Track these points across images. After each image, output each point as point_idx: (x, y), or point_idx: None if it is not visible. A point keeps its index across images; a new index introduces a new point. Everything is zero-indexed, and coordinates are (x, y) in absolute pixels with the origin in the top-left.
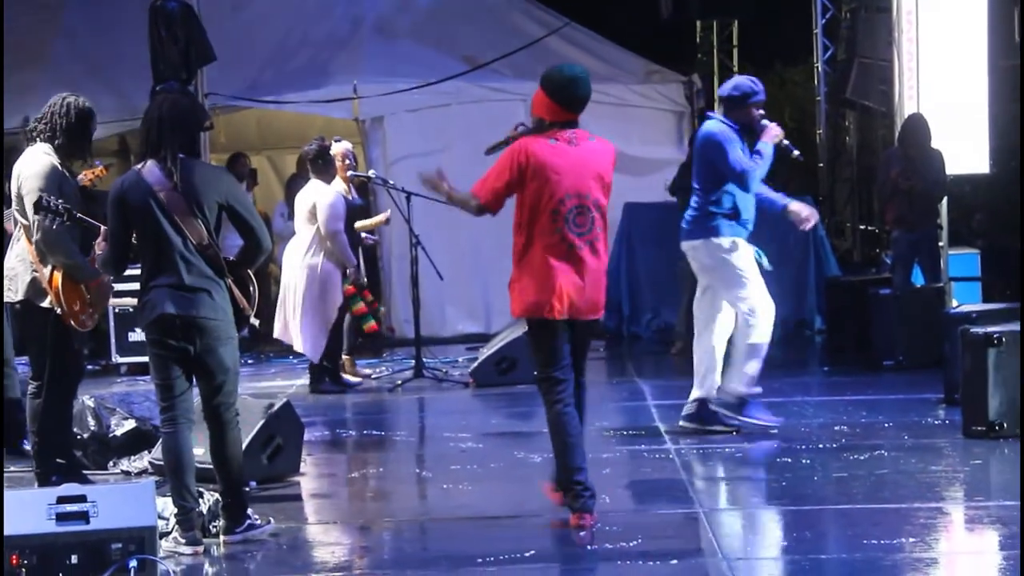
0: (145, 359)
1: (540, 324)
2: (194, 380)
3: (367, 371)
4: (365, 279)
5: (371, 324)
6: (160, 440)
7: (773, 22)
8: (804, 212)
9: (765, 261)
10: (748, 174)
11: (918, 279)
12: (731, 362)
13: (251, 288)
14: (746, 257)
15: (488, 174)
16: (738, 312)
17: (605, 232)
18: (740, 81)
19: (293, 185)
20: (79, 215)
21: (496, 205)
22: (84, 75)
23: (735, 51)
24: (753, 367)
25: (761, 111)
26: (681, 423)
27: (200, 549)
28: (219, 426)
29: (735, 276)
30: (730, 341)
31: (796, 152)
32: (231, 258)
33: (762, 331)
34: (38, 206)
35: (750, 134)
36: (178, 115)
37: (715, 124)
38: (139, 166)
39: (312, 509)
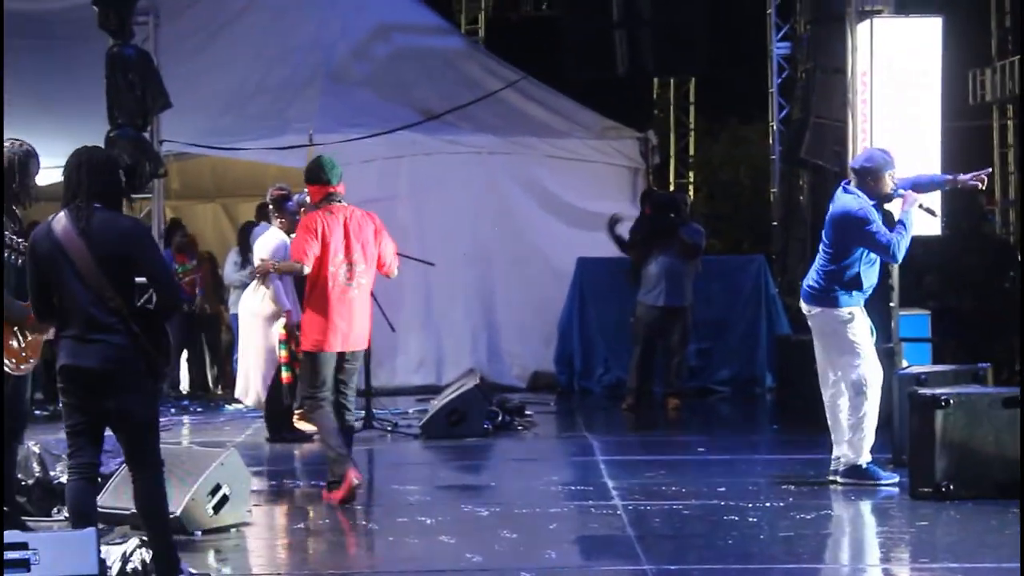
0: None
1: (317, 356)
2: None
3: None
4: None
5: (285, 376)
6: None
7: (729, 80)
8: (969, 177)
9: (874, 336)
10: (894, 246)
11: None
12: (843, 430)
13: (164, 341)
14: (862, 327)
15: (299, 245)
16: (848, 381)
17: (371, 281)
18: (873, 152)
19: (246, 232)
20: None
21: (312, 265)
22: (38, 117)
23: (692, 108)
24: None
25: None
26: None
27: None
28: (137, 477)
29: (849, 345)
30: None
31: (936, 213)
32: (147, 306)
33: (872, 401)
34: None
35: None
36: (96, 166)
37: (853, 200)
38: (53, 216)
39: (257, 560)
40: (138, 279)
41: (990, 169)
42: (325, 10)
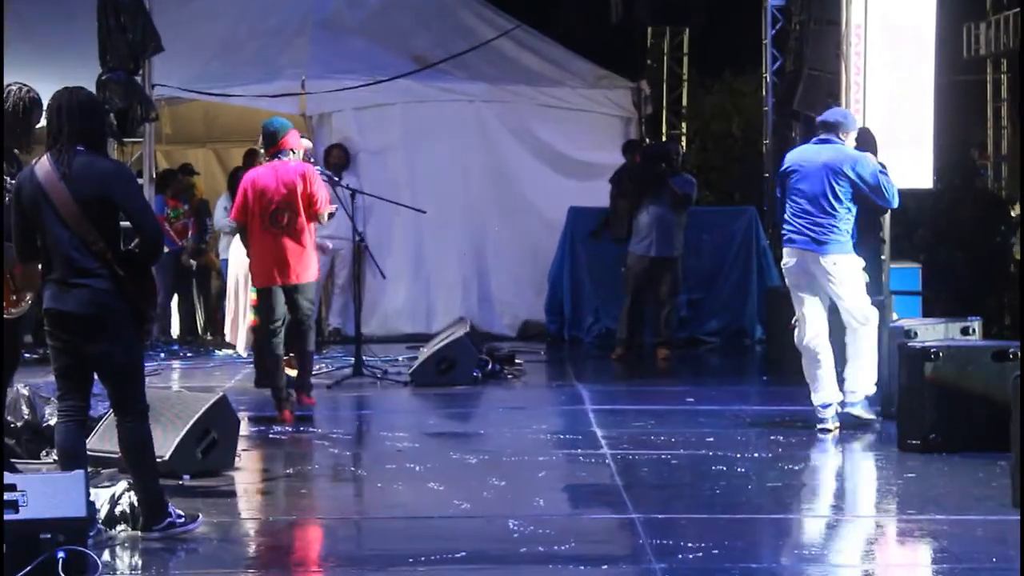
0: None
1: (261, 290)
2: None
3: None
4: None
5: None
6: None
7: (723, 31)
8: None
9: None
10: (895, 199)
11: None
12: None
13: (149, 285)
14: (861, 271)
15: (234, 205)
16: (857, 320)
17: (299, 220)
18: (844, 110)
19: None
20: None
21: (246, 217)
22: (33, 59)
23: (685, 59)
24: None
25: None
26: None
27: None
28: (121, 422)
29: (861, 290)
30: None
31: None
32: (134, 250)
33: (875, 333)
34: None
35: None
36: (77, 107)
37: (847, 148)
38: (37, 159)
39: (245, 504)
40: (124, 223)
41: None
42: None
